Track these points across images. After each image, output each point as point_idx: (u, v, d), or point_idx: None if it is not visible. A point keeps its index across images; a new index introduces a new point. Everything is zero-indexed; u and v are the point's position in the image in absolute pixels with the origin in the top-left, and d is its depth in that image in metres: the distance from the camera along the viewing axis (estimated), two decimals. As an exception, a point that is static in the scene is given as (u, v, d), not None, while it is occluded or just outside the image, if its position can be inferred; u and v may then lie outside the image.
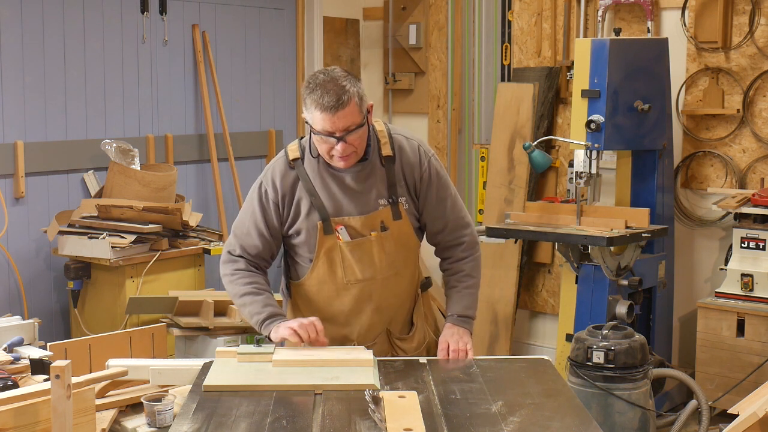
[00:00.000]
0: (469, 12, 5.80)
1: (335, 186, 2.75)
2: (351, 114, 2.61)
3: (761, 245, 4.53)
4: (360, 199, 2.76)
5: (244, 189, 5.55)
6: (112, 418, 2.64)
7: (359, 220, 2.75)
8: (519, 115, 5.45)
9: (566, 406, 2.34)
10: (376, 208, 2.76)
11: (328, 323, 2.80)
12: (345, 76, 2.64)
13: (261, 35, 5.72)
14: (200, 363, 2.69)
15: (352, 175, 2.75)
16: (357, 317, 2.83)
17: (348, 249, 2.76)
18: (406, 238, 2.82)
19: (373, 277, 2.79)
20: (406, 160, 2.79)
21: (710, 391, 4.49)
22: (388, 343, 2.89)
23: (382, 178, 2.77)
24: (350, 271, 2.78)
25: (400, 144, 2.81)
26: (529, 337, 5.73)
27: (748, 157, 4.88)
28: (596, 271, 4.48)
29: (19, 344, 3.05)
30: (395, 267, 2.81)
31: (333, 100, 2.58)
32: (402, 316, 2.92)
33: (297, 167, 2.77)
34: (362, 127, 2.65)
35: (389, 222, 2.77)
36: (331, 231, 2.74)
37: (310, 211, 2.75)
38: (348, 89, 2.60)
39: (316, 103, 2.60)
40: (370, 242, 2.76)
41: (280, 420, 2.19)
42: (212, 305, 4.31)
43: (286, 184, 2.77)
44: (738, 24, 4.84)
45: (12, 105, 4.58)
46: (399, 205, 2.77)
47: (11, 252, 4.59)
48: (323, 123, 2.61)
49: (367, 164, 2.76)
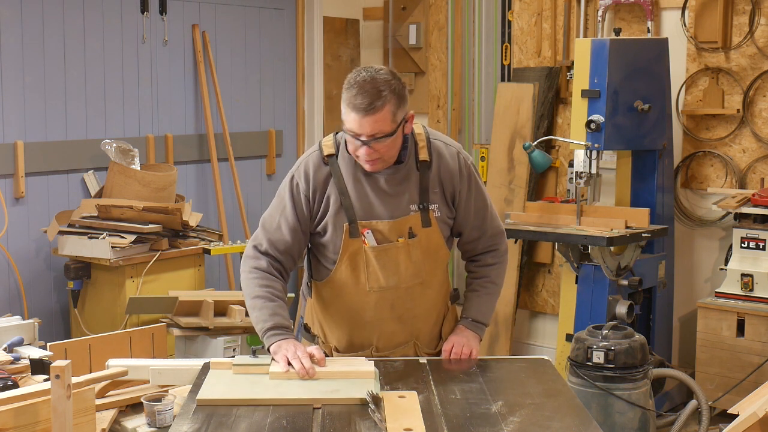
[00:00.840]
0: (469, 12, 5.80)
1: (368, 187, 2.67)
2: (381, 121, 2.51)
3: (761, 245, 4.53)
4: (391, 202, 2.67)
5: (244, 189, 5.59)
6: (112, 418, 2.64)
7: (387, 225, 2.66)
8: (519, 115, 5.45)
9: (566, 406, 2.33)
10: (406, 213, 2.68)
11: (348, 327, 2.75)
12: (387, 80, 2.53)
13: (261, 35, 5.73)
14: (200, 363, 2.68)
15: (386, 177, 2.66)
16: (378, 325, 2.74)
17: (373, 254, 2.66)
18: (434, 247, 2.72)
19: (397, 285, 2.69)
20: (445, 167, 2.70)
21: (710, 391, 4.49)
22: (415, 354, 2.81)
23: (416, 183, 2.68)
24: (374, 278, 2.68)
25: (439, 150, 2.72)
26: (529, 337, 5.73)
27: (748, 157, 4.88)
28: (596, 271, 4.48)
29: (19, 344, 3.06)
30: (421, 276, 2.72)
31: (365, 103, 2.49)
32: (428, 328, 2.82)
33: (331, 163, 2.68)
34: (391, 137, 2.55)
35: (418, 229, 2.68)
36: (357, 234, 2.65)
37: (339, 210, 2.66)
38: (384, 95, 2.50)
39: (349, 101, 2.52)
40: (396, 248, 2.67)
41: (280, 420, 2.19)
42: (212, 305, 4.31)
43: (318, 179, 2.67)
44: (738, 24, 4.84)
45: (12, 105, 4.58)
46: (429, 212, 2.68)
47: (11, 252, 4.59)
48: (351, 123, 2.53)
49: (402, 167, 2.67)
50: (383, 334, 2.75)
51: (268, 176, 5.82)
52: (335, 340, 2.79)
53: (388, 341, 2.77)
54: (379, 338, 2.76)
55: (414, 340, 2.80)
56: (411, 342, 2.80)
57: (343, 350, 2.79)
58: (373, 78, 2.52)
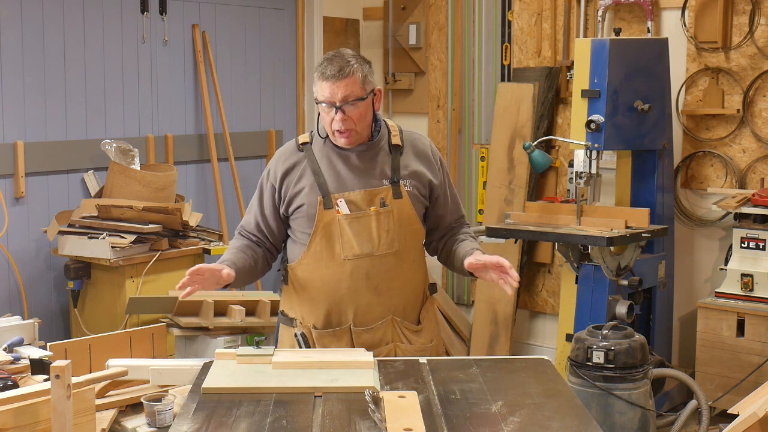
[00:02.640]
0: (469, 12, 5.80)
1: (340, 164, 2.85)
2: (351, 85, 2.73)
3: (761, 245, 4.53)
4: (364, 175, 2.84)
5: (244, 189, 5.59)
6: (112, 418, 2.64)
7: (359, 194, 2.82)
8: (519, 115, 5.45)
9: (566, 406, 2.33)
10: (379, 186, 2.84)
11: (325, 302, 2.84)
12: (354, 55, 2.79)
13: (261, 35, 5.73)
14: (200, 363, 2.68)
15: (357, 153, 2.85)
16: (354, 297, 2.83)
17: (346, 222, 2.81)
18: (407, 218, 2.86)
19: (371, 253, 2.82)
20: (418, 153, 2.92)
21: (710, 391, 4.49)
22: (395, 330, 2.88)
23: (388, 162, 2.87)
24: (348, 246, 2.81)
25: (412, 139, 2.94)
26: (529, 337, 5.73)
27: (748, 157, 4.88)
28: (596, 271, 4.49)
29: (19, 344, 3.05)
30: (394, 246, 2.84)
31: (335, 69, 2.72)
32: (405, 305, 2.91)
33: (305, 149, 2.90)
34: (363, 101, 2.76)
35: (389, 200, 2.84)
36: (331, 206, 2.81)
37: (313, 187, 2.83)
38: (352, 64, 2.75)
39: (320, 73, 2.76)
40: (368, 216, 2.82)
41: (280, 420, 2.19)
42: (212, 305, 4.31)
43: (290, 164, 2.88)
44: (738, 24, 4.84)
45: (12, 105, 4.58)
46: (401, 186, 2.84)
47: (11, 252, 4.59)
48: (323, 91, 2.75)
49: (374, 146, 2.86)
50: (359, 307, 2.84)
51: (268, 176, 5.81)
52: (313, 318, 2.88)
53: (365, 315, 2.85)
54: (356, 312, 2.85)
55: (391, 315, 2.87)
56: (389, 317, 2.87)
57: (321, 327, 2.87)
58: (340, 53, 2.78)
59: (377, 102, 2.85)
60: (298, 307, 2.91)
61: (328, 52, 2.82)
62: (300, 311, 2.91)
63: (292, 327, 2.91)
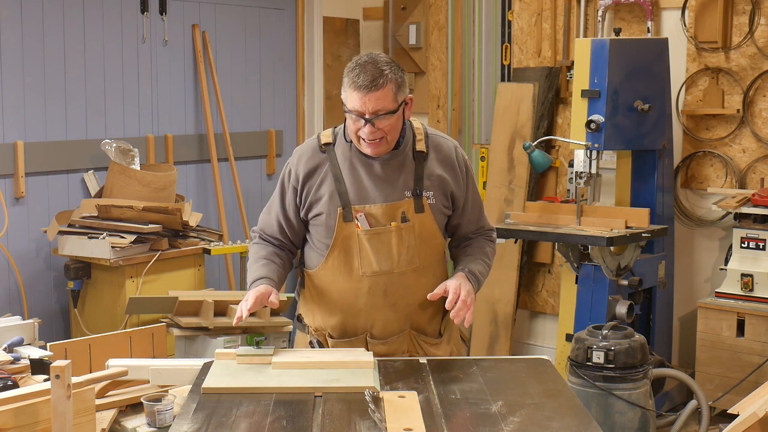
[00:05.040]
0: (469, 12, 5.80)
1: (363, 172, 2.72)
2: (383, 98, 2.59)
3: (761, 245, 4.53)
4: (385, 187, 2.72)
5: (244, 189, 5.59)
6: (112, 418, 2.64)
7: (380, 208, 2.70)
8: (519, 115, 5.45)
9: (566, 406, 2.33)
10: (400, 198, 2.71)
11: (342, 314, 2.77)
12: (388, 62, 2.63)
13: (261, 35, 5.73)
14: (200, 363, 2.68)
15: (381, 162, 2.72)
16: (371, 312, 2.75)
17: (366, 238, 2.70)
18: (428, 233, 2.75)
19: (390, 270, 2.72)
20: (443, 159, 2.77)
21: (710, 391, 4.49)
22: (411, 342, 2.80)
23: (411, 171, 2.73)
24: (366, 262, 2.71)
25: (437, 143, 2.79)
26: (529, 337, 5.73)
27: (748, 157, 4.88)
28: (596, 271, 4.49)
29: (19, 344, 3.05)
30: (414, 263, 2.73)
31: (368, 80, 2.57)
32: (424, 319, 2.81)
33: (328, 151, 2.76)
34: (393, 114, 2.62)
35: (411, 214, 2.72)
36: (350, 218, 2.70)
37: (333, 195, 2.72)
38: (386, 74, 2.59)
39: (352, 81, 2.60)
40: (389, 233, 2.71)
41: (280, 420, 2.19)
42: (212, 305, 4.30)
43: (312, 166, 2.75)
44: (738, 24, 4.84)
45: (12, 105, 4.58)
46: (423, 199, 2.72)
47: (11, 252, 4.59)
48: (354, 102, 2.60)
49: (398, 154, 2.73)
50: (377, 322, 2.76)
51: (268, 176, 5.82)
52: (329, 327, 2.81)
53: (382, 330, 2.77)
54: (373, 326, 2.77)
55: (409, 330, 2.79)
56: (406, 331, 2.79)
57: (337, 336, 2.80)
58: (374, 59, 2.62)
59: (408, 110, 2.71)
60: (314, 313, 2.85)
61: (361, 56, 2.65)
62: (316, 318, 2.85)
63: (307, 334, 2.86)
